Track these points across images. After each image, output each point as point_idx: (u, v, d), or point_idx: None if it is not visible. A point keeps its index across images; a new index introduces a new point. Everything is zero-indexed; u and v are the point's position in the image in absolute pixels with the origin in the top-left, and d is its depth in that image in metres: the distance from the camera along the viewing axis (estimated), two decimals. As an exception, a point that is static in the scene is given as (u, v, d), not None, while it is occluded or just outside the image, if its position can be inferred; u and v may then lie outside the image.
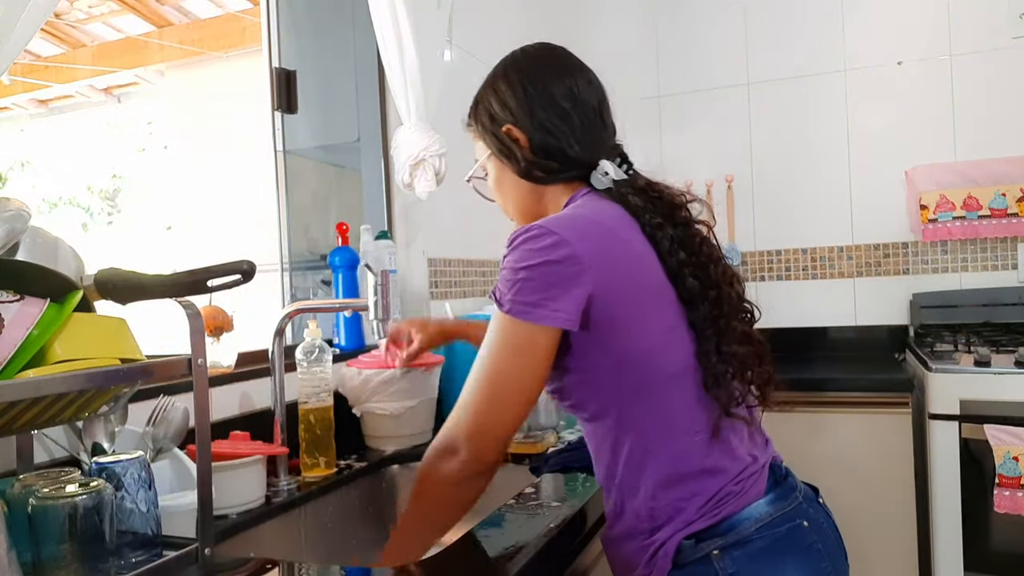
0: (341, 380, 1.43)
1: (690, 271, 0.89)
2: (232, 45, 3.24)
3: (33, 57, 3.43)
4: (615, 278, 0.85)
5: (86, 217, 4.27)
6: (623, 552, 0.93)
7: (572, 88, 0.98)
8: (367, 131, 1.90)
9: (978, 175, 2.44)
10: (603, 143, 0.99)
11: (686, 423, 0.88)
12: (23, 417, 0.72)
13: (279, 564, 0.91)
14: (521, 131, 0.97)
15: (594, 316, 0.84)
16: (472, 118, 1.05)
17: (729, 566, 0.84)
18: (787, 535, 0.88)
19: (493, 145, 1.01)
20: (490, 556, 0.87)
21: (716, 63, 2.82)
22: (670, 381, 0.87)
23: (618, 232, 0.89)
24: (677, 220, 0.92)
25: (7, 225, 0.74)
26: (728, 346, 0.88)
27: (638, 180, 0.96)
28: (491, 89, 1.02)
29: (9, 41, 0.84)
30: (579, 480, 1.16)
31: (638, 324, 0.86)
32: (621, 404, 0.88)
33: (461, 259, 2.11)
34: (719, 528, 0.86)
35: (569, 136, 0.96)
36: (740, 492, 0.88)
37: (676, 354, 0.88)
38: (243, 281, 0.87)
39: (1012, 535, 1.89)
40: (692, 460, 0.87)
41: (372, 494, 1.34)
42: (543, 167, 0.97)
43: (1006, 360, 1.95)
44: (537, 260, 0.83)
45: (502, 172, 1.02)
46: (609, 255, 0.86)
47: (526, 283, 0.83)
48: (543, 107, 0.97)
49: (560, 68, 1.00)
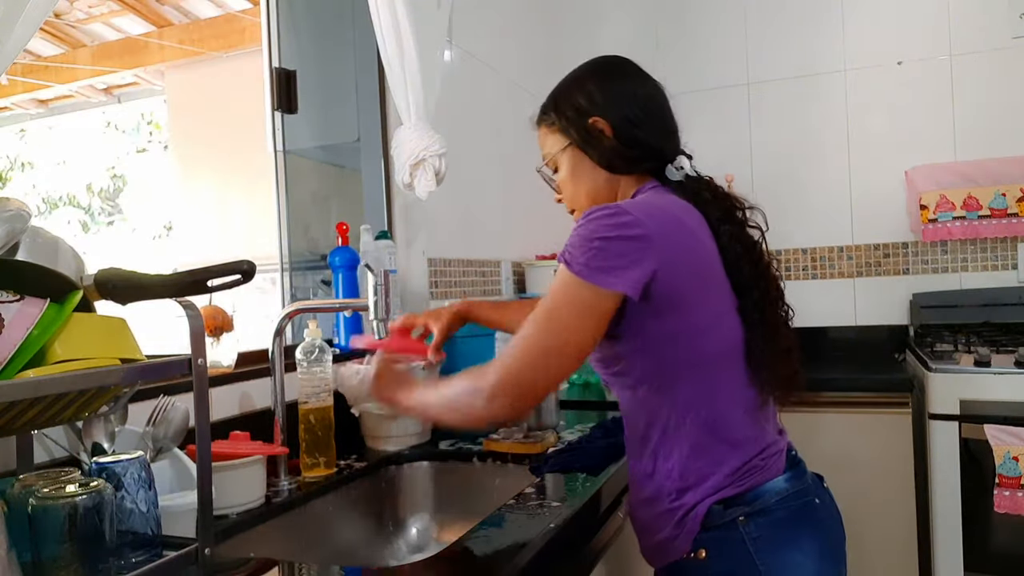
0: (340, 380, 1.43)
1: (745, 263, 0.99)
2: (232, 45, 3.24)
3: (33, 57, 3.43)
4: (678, 259, 0.93)
5: (86, 217, 4.27)
6: (651, 515, 1.00)
7: (651, 90, 1.09)
8: (367, 131, 1.90)
9: (978, 175, 2.44)
10: (677, 141, 1.09)
11: (725, 398, 0.97)
12: (23, 417, 0.72)
13: (279, 564, 0.91)
14: (607, 122, 1.05)
15: (655, 290, 0.91)
16: (552, 112, 1.11)
17: (753, 531, 0.93)
18: (802, 509, 0.97)
19: (577, 136, 1.07)
20: (490, 556, 0.87)
21: (716, 63, 2.82)
22: (717, 358, 0.96)
23: (685, 221, 0.97)
24: (736, 219, 1.03)
25: (7, 225, 0.74)
26: (774, 332, 0.99)
27: (708, 180, 1.07)
28: (576, 86, 1.10)
29: (9, 41, 0.84)
30: (579, 480, 1.16)
31: (694, 303, 0.94)
32: (668, 374, 0.96)
33: (461, 259, 2.11)
34: (745, 497, 0.95)
35: (652, 129, 1.06)
36: (764, 467, 0.97)
37: (725, 335, 0.97)
38: (243, 281, 0.87)
39: (1012, 535, 1.89)
40: (727, 431, 0.96)
41: (372, 494, 1.34)
42: (625, 156, 1.05)
43: (1006, 360, 1.95)
44: (612, 233, 0.90)
45: (580, 162, 1.08)
46: (675, 238, 0.94)
47: (599, 251, 0.90)
48: (628, 102, 1.06)
49: (639, 74, 1.11)
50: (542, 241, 2.63)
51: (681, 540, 0.95)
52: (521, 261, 2.51)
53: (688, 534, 0.95)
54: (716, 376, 0.96)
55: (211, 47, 3.27)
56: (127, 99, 3.97)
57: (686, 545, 0.95)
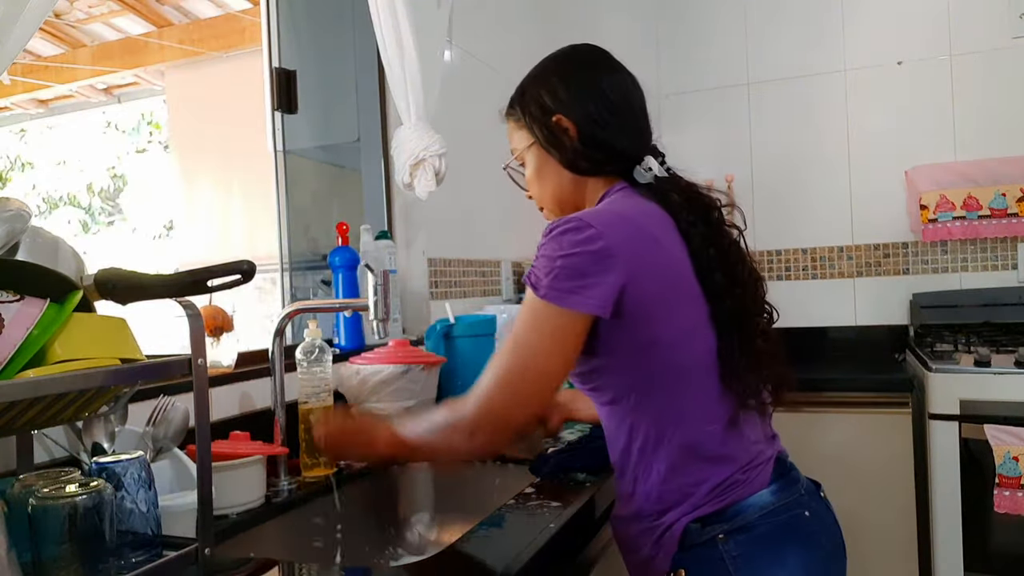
0: (340, 379, 1.43)
1: (718, 268, 0.94)
2: (232, 45, 3.24)
3: (33, 57, 3.43)
4: (646, 271, 0.89)
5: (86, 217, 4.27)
6: (631, 533, 0.97)
7: (621, 85, 1.02)
8: (367, 131, 1.90)
9: (978, 175, 2.44)
10: (647, 140, 1.03)
11: (702, 413, 0.92)
12: (23, 417, 0.72)
13: (279, 564, 0.91)
14: (571, 121, 1.00)
15: (625, 306, 0.88)
16: (517, 107, 1.07)
17: (733, 549, 0.89)
18: (788, 523, 0.92)
19: (540, 134, 1.03)
20: (490, 556, 0.87)
21: (716, 63, 2.82)
22: (690, 372, 0.92)
23: (650, 229, 0.93)
24: (710, 220, 0.97)
25: (7, 225, 0.74)
26: (747, 342, 0.93)
27: (679, 180, 1.01)
28: (541, 80, 1.05)
29: (8, 41, 0.84)
30: (579, 480, 1.16)
31: (665, 316, 0.91)
32: (641, 390, 0.93)
33: (461, 259, 2.11)
34: (725, 513, 0.91)
35: (617, 130, 1.00)
36: (746, 481, 0.92)
37: (698, 347, 0.93)
38: (243, 281, 0.87)
39: (1012, 535, 1.89)
40: (705, 448, 0.92)
41: (372, 494, 1.34)
42: (590, 158, 1.00)
43: (1006, 360, 1.95)
44: (575, 250, 0.87)
45: (544, 162, 1.04)
46: (641, 249, 0.90)
47: (563, 271, 0.87)
48: (594, 100, 1.00)
49: (609, 66, 1.04)
50: (542, 241, 2.62)
51: (660, 560, 0.93)
52: (521, 261, 2.51)
53: (666, 554, 0.92)
54: (691, 389, 0.92)
55: (211, 47, 3.27)
56: (127, 99, 3.97)
57: (665, 565, 0.92)
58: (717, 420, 0.92)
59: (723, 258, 0.95)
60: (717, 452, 0.92)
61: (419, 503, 1.40)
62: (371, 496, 1.34)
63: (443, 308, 1.73)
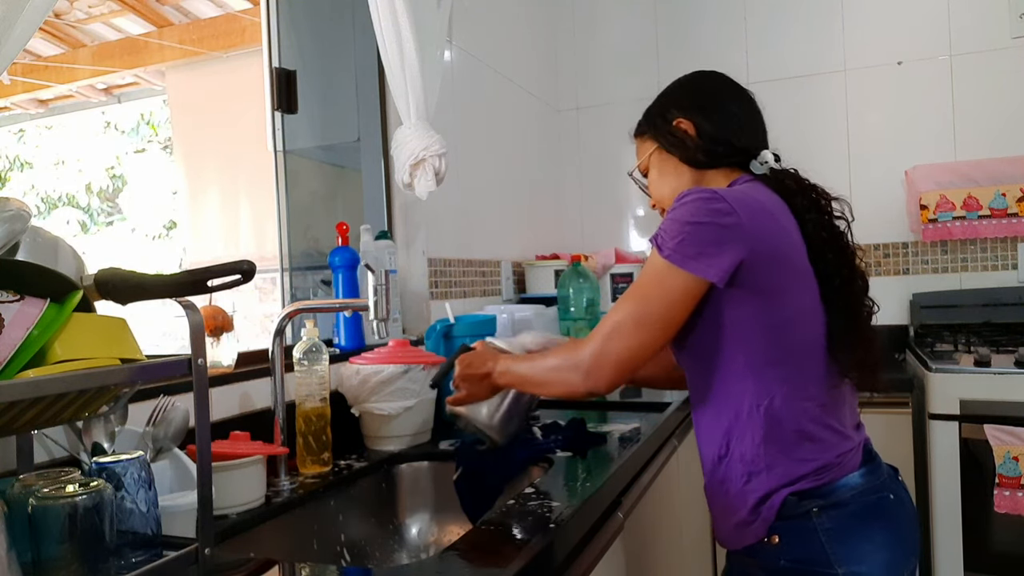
0: (340, 379, 1.43)
1: (830, 251, 1.03)
2: (232, 45, 3.24)
3: (33, 57, 3.43)
4: (766, 250, 0.97)
5: (85, 217, 4.27)
6: (725, 499, 1.05)
7: (739, 96, 1.15)
8: (367, 131, 1.90)
9: (978, 175, 2.44)
10: (762, 137, 1.14)
11: (804, 389, 0.99)
12: (23, 417, 0.72)
13: (279, 564, 0.91)
14: (691, 123, 1.12)
15: (741, 279, 0.96)
16: (644, 123, 1.19)
17: (826, 522, 0.97)
18: (877, 503, 1.01)
19: (663, 138, 1.14)
20: (490, 556, 0.87)
21: (716, 63, 2.80)
22: (799, 350, 1.00)
23: (774, 213, 1.01)
24: (822, 209, 1.07)
25: (7, 225, 0.74)
26: (854, 319, 1.02)
27: (793, 172, 1.11)
28: (664, 97, 1.18)
29: (8, 41, 0.84)
30: (579, 480, 1.16)
31: (779, 293, 0.98)
32: (747, 361, 1.00)
33: (461, 259, 2.11)
34: (821, 491, 0.99)
35: (735, 127, 1.11)
36: (840, 464, 1.00)
37: (809, 326, 1.00)
38: (243, 281, 0.87)
39: (1012, 535, 1.89)
40: (801, 423, 0.99)
41: (372, 494, 1.34)
42: (708, 152, 1.10)
43: (1006, 360, 1.95)
44: (705, 219, 0.95)
45: (666, 162, 1.15)
46: (765, 230, 0.98)
47: (690, 236, 0.95)
48: (713, 106, 1.13)
49: (730, 83, 1.17)
50: (542, 241, 2.63)
51: (757, 525, 1.00)
52: (521, 261, 2.51)
53: (764, 521, 0.99)
54: (799, 367, 0.99)
55: (211, 47, 3.27)
56: (127, 99, 3.97)
57: (761, 531, 1.00)
58: (816, 400, 0.99)
59: (835, 242, 1.04)
60: (811, 429, 0.99)
61: (419, 503, 1.40)
62: (371, 496, 1.34)
63: (443, 308, 1.73)
